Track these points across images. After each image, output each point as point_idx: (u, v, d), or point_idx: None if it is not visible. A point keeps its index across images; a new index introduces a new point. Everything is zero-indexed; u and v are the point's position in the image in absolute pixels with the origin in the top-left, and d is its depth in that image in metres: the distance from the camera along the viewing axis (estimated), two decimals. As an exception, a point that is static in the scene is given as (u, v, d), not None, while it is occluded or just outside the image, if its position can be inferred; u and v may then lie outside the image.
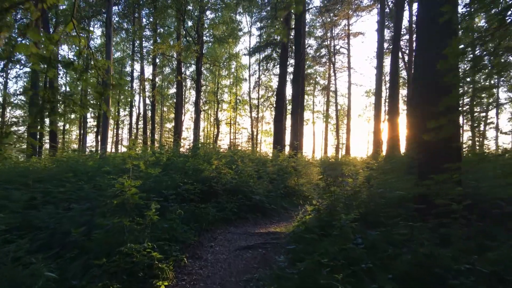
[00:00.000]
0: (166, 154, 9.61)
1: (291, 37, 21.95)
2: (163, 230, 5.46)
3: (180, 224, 5.93)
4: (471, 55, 4.27)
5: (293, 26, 20.82)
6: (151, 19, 26.02)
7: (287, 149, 19.05)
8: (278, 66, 38.55)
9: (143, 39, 31.71)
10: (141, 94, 37.45)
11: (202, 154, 9.97)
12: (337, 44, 41.59)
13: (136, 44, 34.15)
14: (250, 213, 8.16)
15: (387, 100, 25.96)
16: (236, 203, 7.94)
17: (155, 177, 7.22)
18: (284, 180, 10.91)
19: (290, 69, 30.79)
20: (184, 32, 23.20)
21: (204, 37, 28.07)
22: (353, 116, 42.80)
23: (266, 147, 44.77)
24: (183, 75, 27.33)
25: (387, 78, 43.05)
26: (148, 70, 48.97)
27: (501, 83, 18.47)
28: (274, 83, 42.67)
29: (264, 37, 39.88)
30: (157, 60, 37.94)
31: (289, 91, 23.71)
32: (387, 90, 27.21)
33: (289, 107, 39.01)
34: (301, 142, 20.71)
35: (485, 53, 3.84)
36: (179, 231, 5.72)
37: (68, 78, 44.91)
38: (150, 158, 8.69)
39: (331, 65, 42.23)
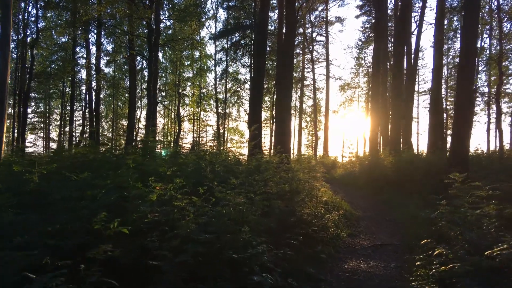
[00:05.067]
0: (39, 167, 4.33)
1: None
2: None
3: None
4: None
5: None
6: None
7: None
8: (247, 55, 34.00)
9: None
10: (85, 82, 31.05)
11: (131, 163, 4.80)
12: (314, 32, 37.21)
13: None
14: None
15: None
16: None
17: None
18: (296, 207, 5.95)
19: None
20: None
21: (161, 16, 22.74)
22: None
23: (233, 146, 39.78)
24: (134, 52, 21.56)
25: (368, 69, 39.54)
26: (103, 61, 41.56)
27: None
28: (243, 75, 37.74)
29: (232, 22, 34.75)
30: (106, 45, 32.24)
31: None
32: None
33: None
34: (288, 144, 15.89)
35: None
36: None
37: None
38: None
39: (305, 56, 37.91)
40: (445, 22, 19.88)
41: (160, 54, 33.93)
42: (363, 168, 17.55)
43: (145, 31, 22.93)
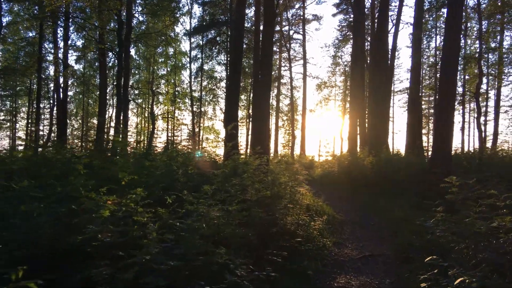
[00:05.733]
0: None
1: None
2: None
3: None
4: None
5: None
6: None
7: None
8: (223, 52, 33.23)
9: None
10: (53, 78, 29.38)
11: (83, 168, 4.02)
12: (291, 30, 36.81)
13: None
14: None
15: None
16: None
17: None
18: (279, 215, 5.33)
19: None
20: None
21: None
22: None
23: (209, 145, 38.94)
24: (105, 47, 20.45)
25: (346, 69, 39.49)
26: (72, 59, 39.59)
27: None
28: (219, 73, 36.96)
29: (207, 18, 33.82)
30: (76, 40, 30.79)
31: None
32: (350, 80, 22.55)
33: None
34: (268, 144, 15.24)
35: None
36: None
37: None
38: None
39: (282, 54, 37.47)
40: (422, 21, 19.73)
41: (133, 51, 32.74)
42: (342, 168, 17.10)
43: (116, 26, 21.81)
